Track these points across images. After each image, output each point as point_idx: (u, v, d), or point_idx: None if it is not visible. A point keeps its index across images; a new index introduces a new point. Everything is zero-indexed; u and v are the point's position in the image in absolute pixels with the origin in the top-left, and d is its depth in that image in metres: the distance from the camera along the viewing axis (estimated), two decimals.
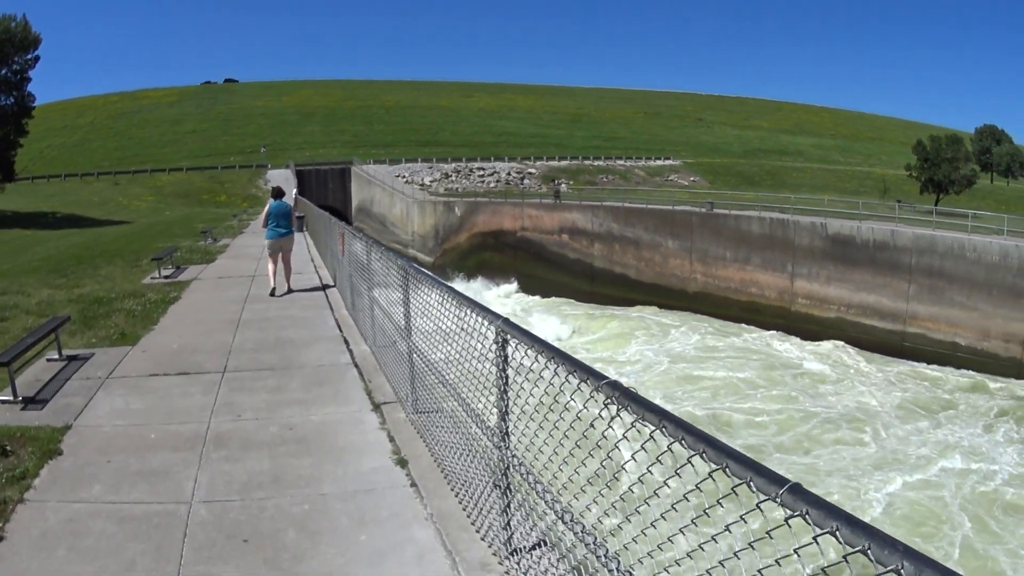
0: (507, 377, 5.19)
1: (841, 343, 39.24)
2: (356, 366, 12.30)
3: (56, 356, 12.50)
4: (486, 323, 5.50)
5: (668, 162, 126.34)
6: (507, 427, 5.28)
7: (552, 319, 45.28)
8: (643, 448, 3.41)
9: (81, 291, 20.35)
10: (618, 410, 3.56)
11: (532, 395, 4.86)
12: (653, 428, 3.22)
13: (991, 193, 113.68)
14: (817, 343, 39.64)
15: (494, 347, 5.28)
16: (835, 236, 41.03)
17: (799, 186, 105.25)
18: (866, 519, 2.32)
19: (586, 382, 3.86)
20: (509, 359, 5.13)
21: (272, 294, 19.53)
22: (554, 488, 4.58)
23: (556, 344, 4.63)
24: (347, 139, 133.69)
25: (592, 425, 3.94)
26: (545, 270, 56.72)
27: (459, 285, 56.73)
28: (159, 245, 32.87)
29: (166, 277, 23.17)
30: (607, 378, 3.69)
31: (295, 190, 65.37)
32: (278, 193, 20.68)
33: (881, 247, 39.18)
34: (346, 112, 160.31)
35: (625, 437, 3.58)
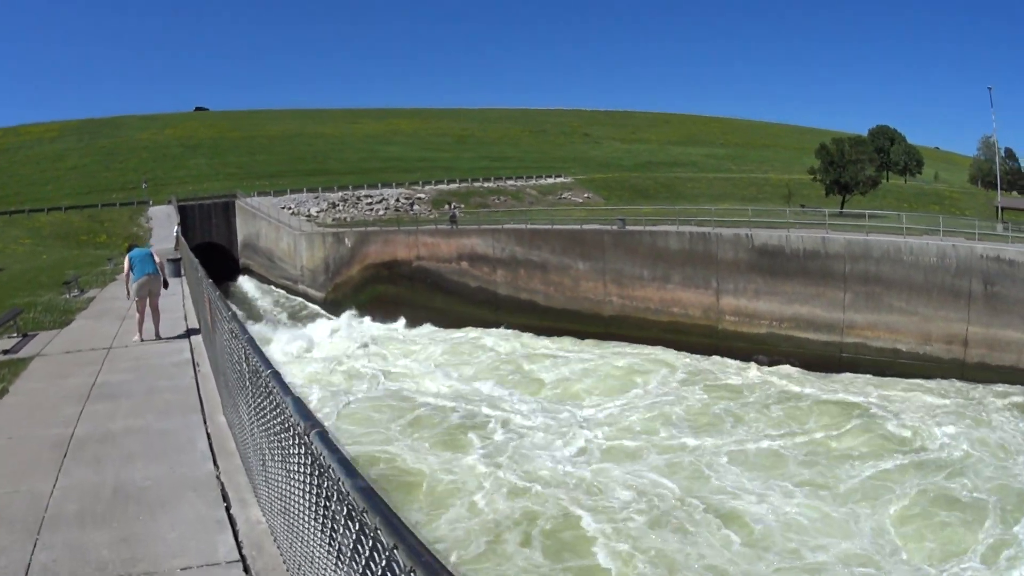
0: None
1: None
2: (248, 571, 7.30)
3: None
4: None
5: (560, 179, 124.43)
6: None
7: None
8: None
9: None
10: None
11: None
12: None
13: (891, 192, 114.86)
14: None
15: None
16: (762, 247, 38.76)
17: (695, 196, 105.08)
18: None
19: None
20: None
21: (141, 340, 19.15)
22: None
23: None
24: (231, 171, 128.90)
25: None
26: (445, 301, 52.82)
27: (350, 322, 54.50)
28: (16, 301, 29.12)
29: (4, 352, 19.06)
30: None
31: (177, 227, 61.16)
32: (132, 245, 20.67)
33: (812, 256, 37.33)
34: (230, 143, 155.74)
35: None
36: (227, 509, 8.64)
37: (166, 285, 20.31)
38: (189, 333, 20.21)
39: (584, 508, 21.96)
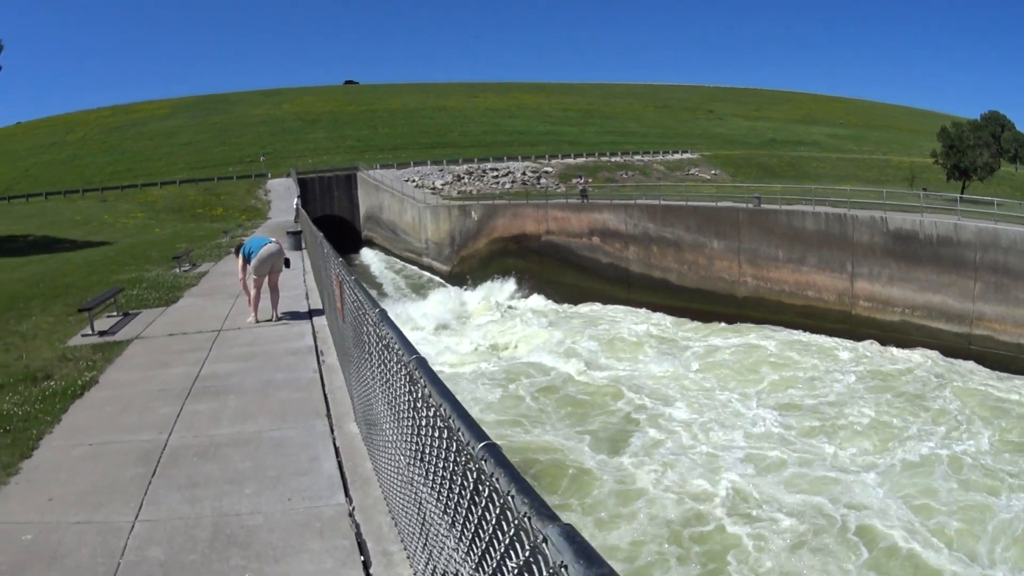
0: None
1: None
2: None
3: None
4: None
5: (686, 155, 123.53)
6: None
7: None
8: None
9: None
10: None
11: None
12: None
13: (1004, 179, 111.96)
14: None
15: None
16: (896, 232, 37.63)
17: (820, 176, 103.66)
18: None
19: None
20: None
21: (256, 321, 17.85)
22: None
23: None
24: (351, 144, 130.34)
25: None
26: (575, 276, 53.05)
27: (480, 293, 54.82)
28: (121, 277, 28.63)
29: (101, 333, 17.41)
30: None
31: (296, 199, 62.24)
32: (240, 244, 18.63)
33: (944, 242, 35.98)
34: (349, 117, 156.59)
35: None
36: (365, 567, 6.51)
37: (287, 264, 18.75)
38: (311, 314, 18.62)
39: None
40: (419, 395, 4.61)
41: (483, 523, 3.07)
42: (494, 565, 2.89)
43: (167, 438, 10.01)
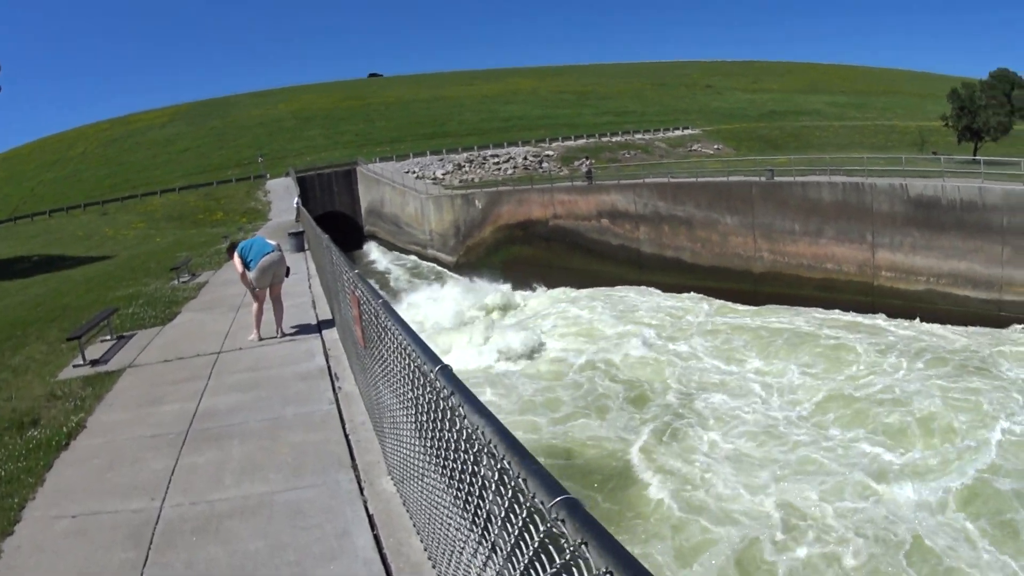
0: None
1: None
2: None
3: None
4: None
5: (687, 131, 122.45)
6: None
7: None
8: None
9: None
10: None
11: None
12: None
13: (1019, 138, 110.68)
14: None
15: None
16: (918, 199, 36.75)
17: (824, 145, 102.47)
18: None
19: None
20: None
21: (259, 339, 16.05)
22: None
23: None
24: (349, 139, 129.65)
25: None
26: (584, 260, 51.98)
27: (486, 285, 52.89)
28: (119, 294, 27.20)
29: (93, 363, 15.92)
30: None
31: (297, 199, 61.08)
32: (233, 243, 17.00)
33: (969, 207, 35.12)
34: (345, 112, 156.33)
35: None
36: None
37: (287, 272, 17.17)
38: (320, 326, 16.97)
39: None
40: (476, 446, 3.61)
41: None
42: None
43: (160, 506, 8.45)
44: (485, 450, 3.42)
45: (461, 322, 43.15)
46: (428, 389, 4.68)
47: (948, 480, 20.62)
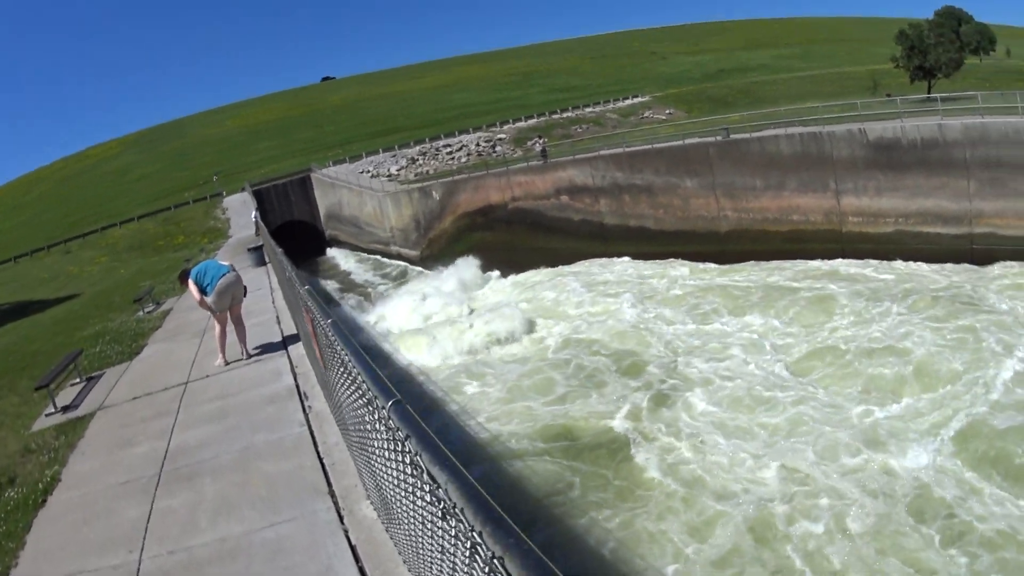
0: None
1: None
2: None
3: None
4: None
5: (637, 99, 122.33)
6: None
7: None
8: None
9: None
10: None
11: None
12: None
13: (970, 73, 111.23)
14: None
15: None
16: (878, 141, 36.38)
17: (776, 99, 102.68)
18: None
19: None
20: None
21: (225, 363, 15.87)
22: None
23: None
24: (301, 147, 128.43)
25: None
26: (548, 239, 51.38)
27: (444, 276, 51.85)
28: (85, 333, 26.96)
29: (64, 409, 15.59)
30: None
31: (255, 212, 60.14)
32: (185, 271, 16.66)
33: (930, 145, 34.91)
34: (295, 121, 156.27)
35: None
36: None
37: (244, 292, 16.82)
38: (285, 343, 16.72)
39: None
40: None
41: None
42: None
43: (139, 559, 8.09)
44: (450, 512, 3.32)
45: (435, 316, 42.23)
46: (382, 426, 4.55)
47: (954, 423, 20.00)
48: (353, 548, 7.16)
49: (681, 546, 16.75)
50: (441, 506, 3.38)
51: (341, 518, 7.87)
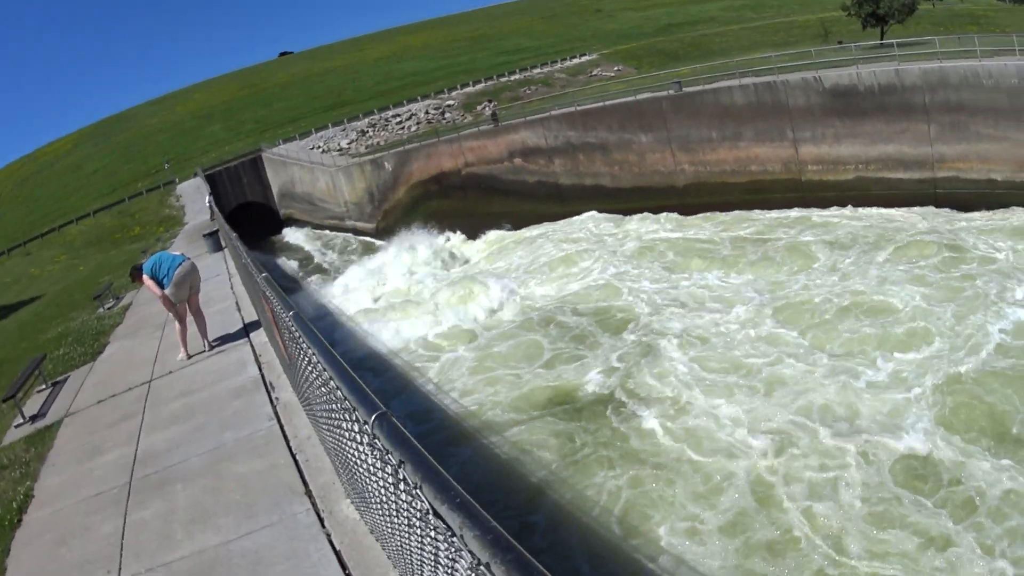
0: None
1: None
2: None
3: None
4: None
5: (585, 58, 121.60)
6: None
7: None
8: None
9: None
10: None
11: None
12: None
13: (923, 18, 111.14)
14: None
15: None
16: (834, 88, 36.22)
17: (727, 50, 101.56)
18: None
19: None
20: None
21: (188, 356, 15.52)
22: None
23: None
24: (250, 128, 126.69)
25: None
26: (503, 203, 50.55)
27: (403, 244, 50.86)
28: (49, 336, 26.63)
29: (32, 418, 15.24)
30: None
31: (208, 197, 59.14)
32: (136, 266, 16.12)
33: (888, 90, 34.77)
34: (242, 102, 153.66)
35: None
36: None
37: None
38: (247, 330, 16.34)
39: None
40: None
41: None
42: None
43: None
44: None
45: (402, 292, 41.02)
46: (364, 439, 4.35)
47: (948, 367, 19.74)
48: (338, 554, 6.78)
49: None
50: (424, 508, 3.29)
51: (322, 521, 7.49)
